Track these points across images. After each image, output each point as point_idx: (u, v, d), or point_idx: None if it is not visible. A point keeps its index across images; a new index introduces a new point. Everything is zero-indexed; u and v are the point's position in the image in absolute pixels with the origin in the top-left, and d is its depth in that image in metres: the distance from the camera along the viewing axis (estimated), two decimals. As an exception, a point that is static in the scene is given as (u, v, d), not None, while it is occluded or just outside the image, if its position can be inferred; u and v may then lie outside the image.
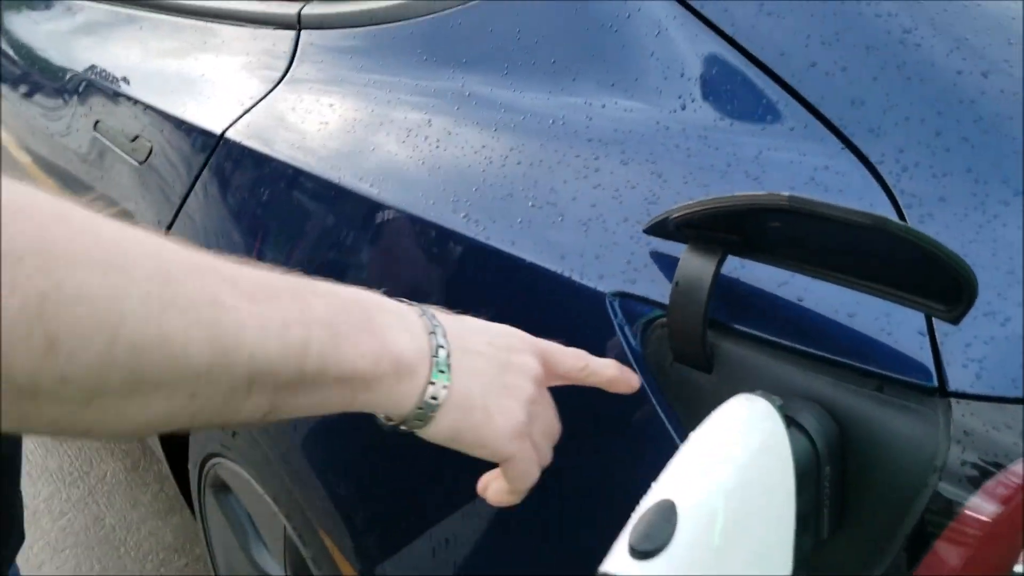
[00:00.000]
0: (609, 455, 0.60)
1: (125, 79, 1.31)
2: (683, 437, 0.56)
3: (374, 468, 0.82)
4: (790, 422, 0.46)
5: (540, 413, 0.53)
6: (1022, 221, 0.50)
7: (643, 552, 0.37)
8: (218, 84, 1.10)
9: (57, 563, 1.87)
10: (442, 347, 0.49)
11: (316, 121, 0.89)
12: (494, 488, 0.55)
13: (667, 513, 0.38)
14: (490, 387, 0.51)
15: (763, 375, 0.52)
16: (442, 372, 0.49)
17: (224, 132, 1.00)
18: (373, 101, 0.86)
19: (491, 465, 0.55)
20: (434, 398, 0.48)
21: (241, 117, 0.99)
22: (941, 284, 0.44)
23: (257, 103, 0.99)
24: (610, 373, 0.56)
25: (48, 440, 2.17)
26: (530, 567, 0.68)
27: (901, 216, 0.53)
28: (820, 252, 0.49)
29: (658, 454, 0.57)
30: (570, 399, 0.57)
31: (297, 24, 1.03)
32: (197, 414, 0.39)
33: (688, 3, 0.66)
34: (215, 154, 1.01)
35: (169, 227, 1.09)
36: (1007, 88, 0.55)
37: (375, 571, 0.82)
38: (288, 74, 1.00)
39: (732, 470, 0.41)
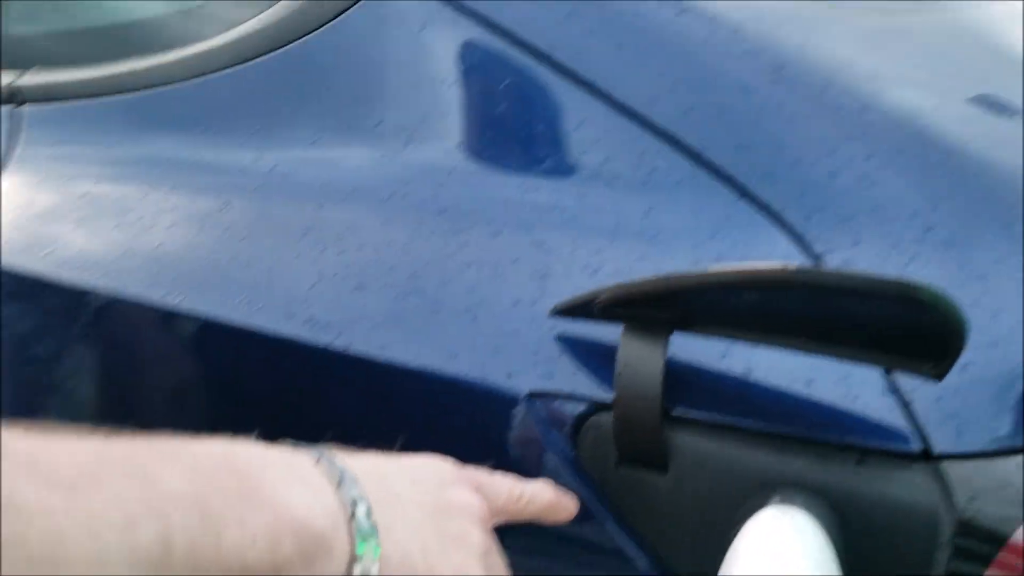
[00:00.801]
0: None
1: None
2: (640, 550, 0.49)
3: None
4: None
5: (495, 566, 0.41)
6: (940, 257, 0.49)
7: None
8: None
9: None
10: (359, 501, 0.36)
11: (72, 218, 0.70)
12: None
13: None
14: (432, 543, 0.38)
15: (728, 467, 0.46)
16: (366, 540, 0.35)
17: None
18: (152, 182, 0.69)
19: None
20: None
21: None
22: (923, 340, 0.40)
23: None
24: (547, 497, 0.45)
25: None
26: None
27: (817, 263, 0.50)
28: (783, 320, 0.43)
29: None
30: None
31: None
32: None
33: (532, 45, 0.59)
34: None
35: None
36: (898, 113, 0.54)
37: None
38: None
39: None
